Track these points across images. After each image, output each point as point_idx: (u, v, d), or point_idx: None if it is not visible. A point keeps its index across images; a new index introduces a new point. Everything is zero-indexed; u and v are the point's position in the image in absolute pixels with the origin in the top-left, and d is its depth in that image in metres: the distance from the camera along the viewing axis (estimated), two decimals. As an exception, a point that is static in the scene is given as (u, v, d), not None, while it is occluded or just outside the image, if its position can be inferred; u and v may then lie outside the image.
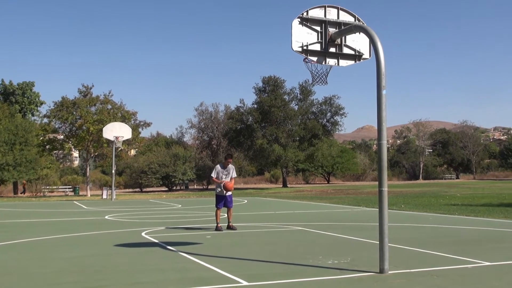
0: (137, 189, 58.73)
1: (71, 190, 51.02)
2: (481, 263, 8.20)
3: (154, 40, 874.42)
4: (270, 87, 57.10)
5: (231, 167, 13.43)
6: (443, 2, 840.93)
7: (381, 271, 7.31)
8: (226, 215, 13.76)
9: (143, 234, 12.68)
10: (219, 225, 13.38)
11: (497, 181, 70.77)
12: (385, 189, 7.49)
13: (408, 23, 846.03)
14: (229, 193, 13.44)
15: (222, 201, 13.38)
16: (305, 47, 8.23)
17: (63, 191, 51.63)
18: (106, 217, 18.48)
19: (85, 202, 30.13)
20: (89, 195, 41.55)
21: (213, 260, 8.55)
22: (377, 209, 7.67)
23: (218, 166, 13.52)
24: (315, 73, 8.69)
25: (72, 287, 6.74)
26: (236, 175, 13.71)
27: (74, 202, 31.18)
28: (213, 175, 13.46)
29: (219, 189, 13.32)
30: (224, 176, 13.29)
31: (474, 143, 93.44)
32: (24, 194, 47.07)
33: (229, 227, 13.46)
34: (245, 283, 6.82)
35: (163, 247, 10.35)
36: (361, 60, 8.72)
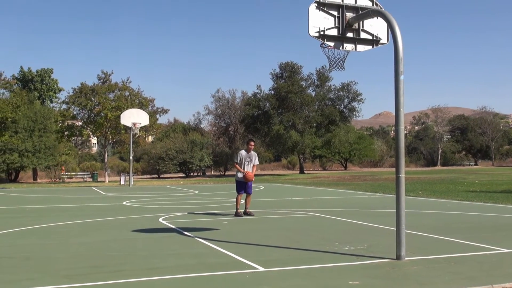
0: (155, 175, 59.14)
1: (90, 176, 51.60)
2: (500, 250, 8.12)
3: (171, 27, 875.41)
4: (287, 73, 56.93)
5: (253, 154, 13.34)
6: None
7: (398, 257, 7.28)
8: (244, 201, 13.78)
9: (160, 219, 12.77)
10: (239, 210, 13.43)
11: (516, 167, 69.96)
12: (403, 175, 7.43)
13: (427, 7, 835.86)
14: None
15: (243, 187, 13.40)
16: (322, 32, 8.15)
17: (82, 177, 52.20)
18: (124, 203, 18.64)
19: (103, 188, 30.42)
20: (107, 181, 41.95)
21: (230, 246, 8.58)
22: (394, 196, 7.62)
23: (242, 152, 13.36)
24: (332, 58, 8.62)
25: (90, 271, 6.81)
26: (258, 162, 13.65)
27: (93, 188, 31.50)
28: (237, 161, 13.35)
29: (240, 175, 13.29)
30: (247, 163, 13.24)
31: (493, 129, 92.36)
32: (61, 180, 46.84)
33: (246, 213, 13.49)
34: (261, 268, 6.84)
35: (180, 232, 10.41)
36: (379, 45, 8.61)
